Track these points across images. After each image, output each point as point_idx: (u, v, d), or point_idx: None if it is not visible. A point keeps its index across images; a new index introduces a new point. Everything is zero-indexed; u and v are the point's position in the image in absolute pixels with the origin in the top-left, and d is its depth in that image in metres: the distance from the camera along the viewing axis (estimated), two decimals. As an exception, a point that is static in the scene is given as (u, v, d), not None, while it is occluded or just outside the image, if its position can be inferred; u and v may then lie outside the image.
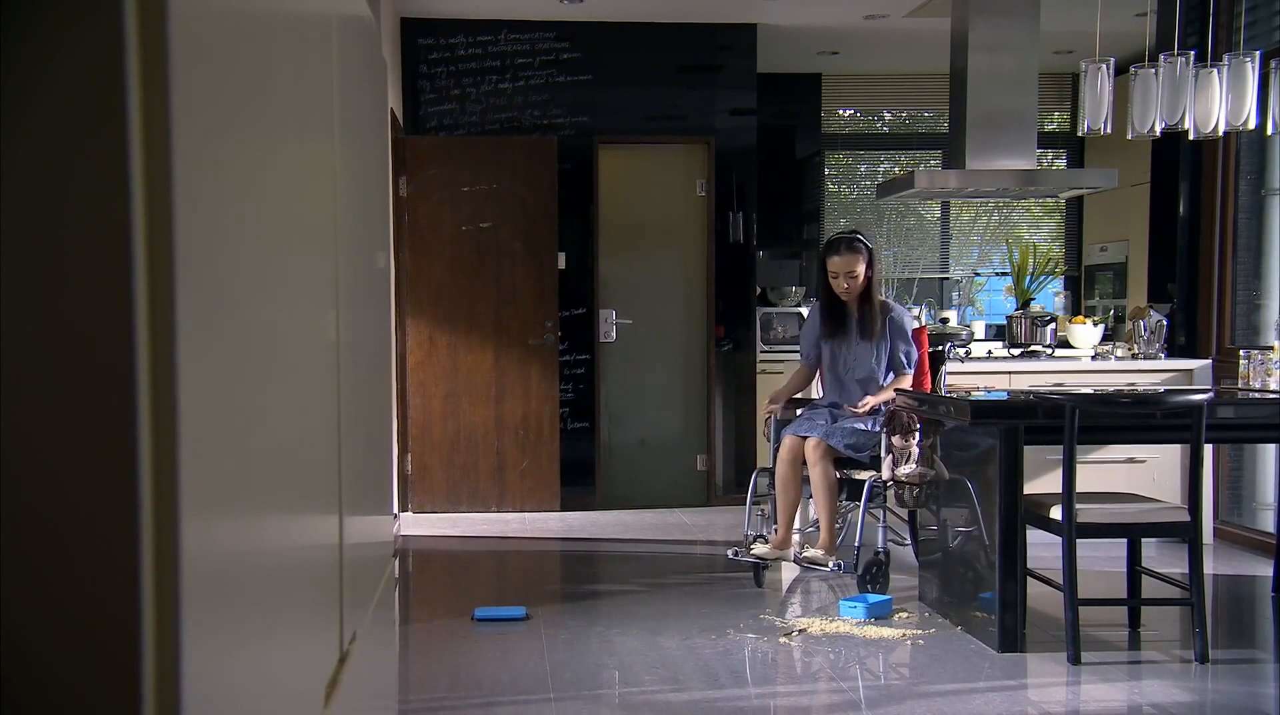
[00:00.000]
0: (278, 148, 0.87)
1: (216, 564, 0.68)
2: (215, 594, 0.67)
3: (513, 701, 3.20)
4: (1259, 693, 3.39)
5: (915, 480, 4.19)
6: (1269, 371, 4.17)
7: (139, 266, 0.59)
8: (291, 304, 0.91)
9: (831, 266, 4.52)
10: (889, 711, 3.18)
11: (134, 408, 0.58)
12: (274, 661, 0.84)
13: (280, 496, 0.88)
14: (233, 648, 0.71)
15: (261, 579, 0.80)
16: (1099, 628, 3.85)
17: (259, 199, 0.81)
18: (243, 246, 0.76)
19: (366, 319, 1.43)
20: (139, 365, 0.58)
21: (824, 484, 4.41)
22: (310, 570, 0.99)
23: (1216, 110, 4.09)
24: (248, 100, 0.78)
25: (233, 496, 0.73)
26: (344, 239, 1.21)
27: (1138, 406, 3.75)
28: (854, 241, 4.50)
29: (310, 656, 0.97)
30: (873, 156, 8.35)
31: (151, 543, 0.59)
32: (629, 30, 6.40)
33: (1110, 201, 7.23)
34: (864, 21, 6.33)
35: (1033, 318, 5.76)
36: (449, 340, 6.16)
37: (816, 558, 4.36)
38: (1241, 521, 5.49)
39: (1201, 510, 3.59)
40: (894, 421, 4.26)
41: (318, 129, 1.06)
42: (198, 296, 0.64)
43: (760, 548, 4.49)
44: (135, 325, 0.59)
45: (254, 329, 0.77)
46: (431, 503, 6.19)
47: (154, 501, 0.59)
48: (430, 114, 6.35)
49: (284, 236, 0.89)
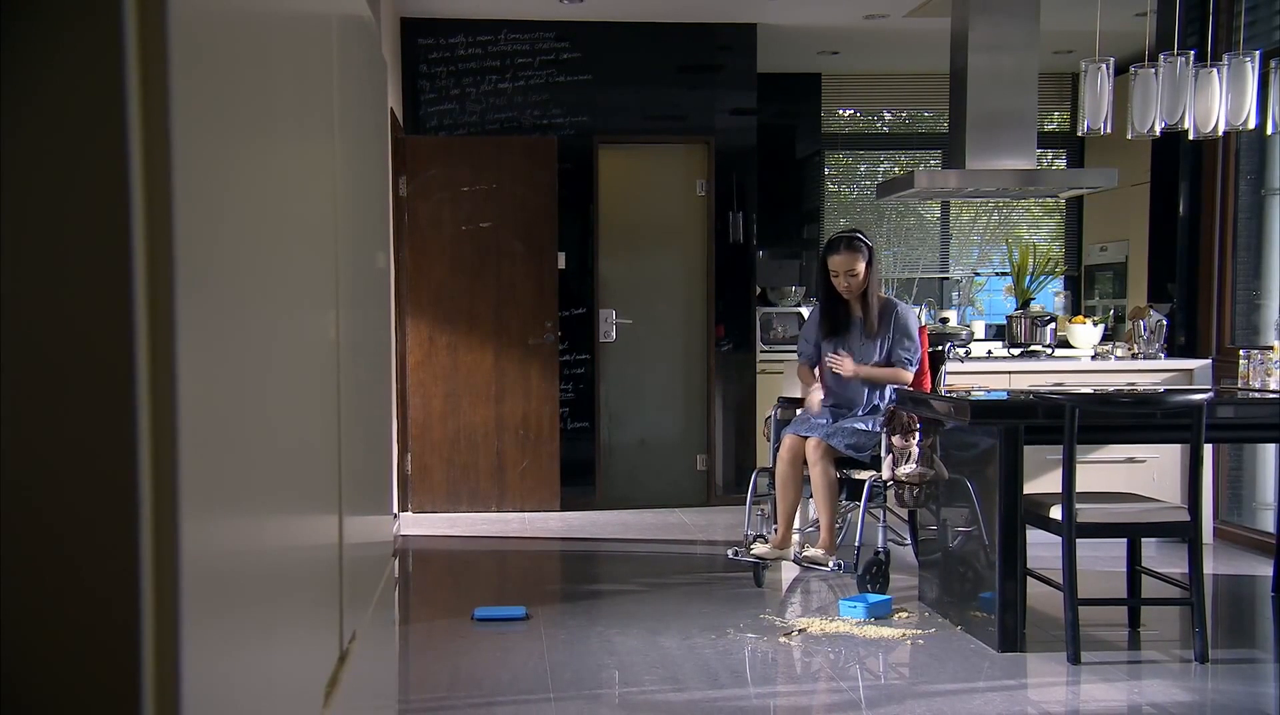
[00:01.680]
0: (277, 147, 0.87)
1: (216, 563, 0.68)
2: (215, 593, 0.67)
3: (512, 701, 3.20)
4: (1259, 692, 3.39)
5: (915, 480, 4.18)
6: (1269, 371, 4.17)
7: (139, 267, 0.59)
8: (291, 303, 0.91)
9: (832, 265, 4.54)
10: (889, 711, 3.18)
11: (134, 407, 0.58)
12: (274, 661, 0.84)
13: (280, 496, 0.88)
14: (233, 647, 0.71)
15: (262, 578, 0.80)
16: (1099, 628, 3.85)
17: (259, 198, 0.81)
18: (243, 246, 0.76)
19: (366, 319, 1.43)
20: (139, 365, 0.58)
21: (824, 483, 4.41)
22: (310, 570, 0.99)
23: (1216, 110, 4.09)
24: (248, 100, 0.78)
25: (233, 496, 0.73)
26: (344, 239, 1.21)
27: (1138, 406, 3.75)
28: (854, 240, 4.52)
29: (310, 656, 0.97)
30: (872, 156, 8.35)
31: (151, 543, 0.59)
32: (629, 30, 6.40)
33: (1110, 201, 7.23)
34: (864, 21, 6.32)
35: (1032, 317, 5.76)
36: (449, 340, 6.16)
37: (817, 557, 4.37)
38: (1241, 521, 5.49)
39: (1201, 510, 3.59)
40: (894, 421, 4.25)
41: (317, 129, 1.06)
42: (197, 296, 0.64)
43: (760, 547, 4.49)
44: (135, 325, 0.59)
45: (254, 328, 0.77)
46: (431, 503, 6.19)
47: (154, 501, 0.59)
48: (430, 114, 6.35)
49: (284, 236, 0.89)
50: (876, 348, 4.57)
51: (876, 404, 4.60)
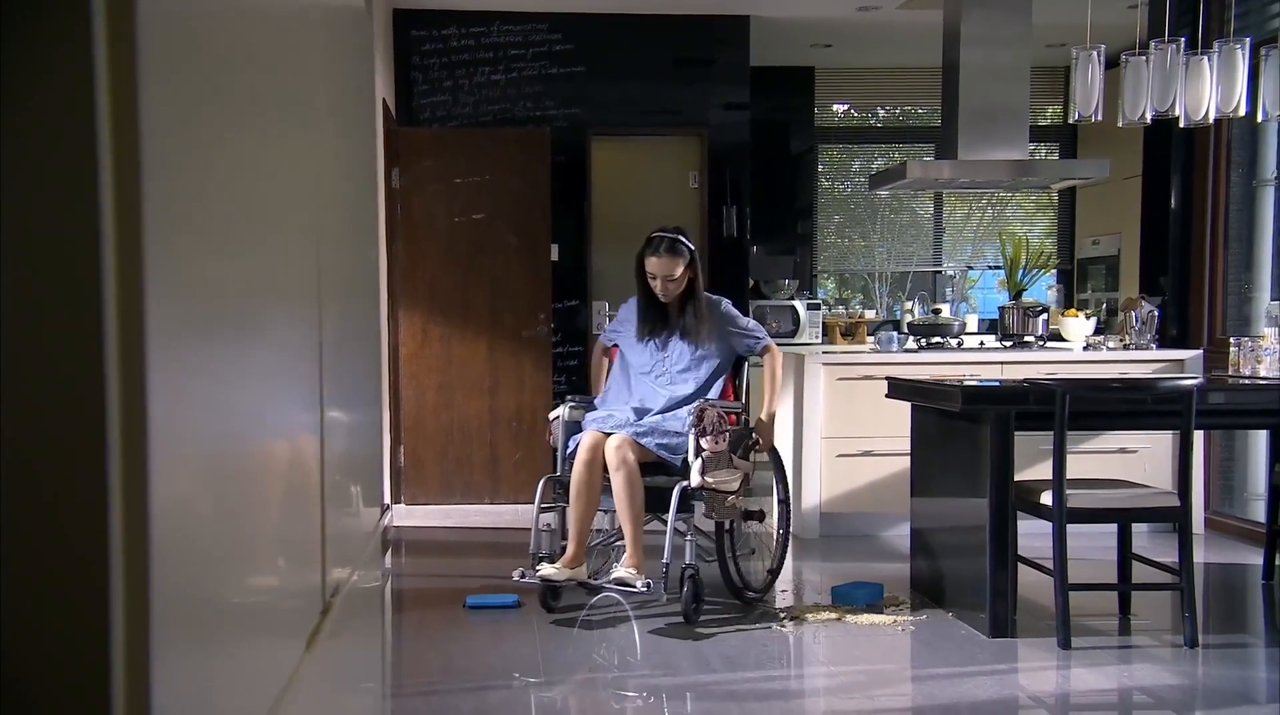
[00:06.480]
0: (256, 134, 0.84)
1: (186, 516, 0.67)
2: (186, 559, 0.66)
3: (505, 686, 3.21)
4: (1248, 676, 3.40)
5: (726, 487, 3.79)
6: (1259, 358, 4.18)
7: (108, 261, 0.56)
8: (269, 293, 0.89)
9: (649, 268, 4.08)
10: (880, 696, 3.19)
11: (105, 403, 0.56)
12: (253, 615, 0.84)
13: (259, 480, 0.87)
14: (208, 601, 0.70)
15: (242, 538, 0.80)
16: (1090, 616, 3.86)
17: (235, 185, 0.78)
18: (216, 235, 0.73)
19: (352, 310, 1.41)
20: (109, 362, 0.56)
21: (630, 489, 3.79)
22: (292, 528, 0.99)
23: (1207, 98, 4.10)
24: (225, 85, 0.75)
25: (205, 474, 0.72)
26: (327, 229, 1.19)
27: (1128, 392, 3.76)
28: (675, 243, 4.05)
29: (292, 609, 0.97)
30: (866, 151, 8.36)
31: (121, 492, 0.57)
32: (621, 22, 6.41)
33: (1103, 195, 7.25)
34: (857, 13, 6.33)
35: (1025, 308, 5.77)
36: (442, 332, 6.16)
37: (626, 579, 3.73)
38: (1233, 512, 5.51)
39: (1192, 495, 3.60)
40: (703, 421, 3.78)
41: (298, 115, 1.03)
42: (168, 287, 0.61)
43: (547, 568, 3.81)
44: (105, 321, 0.56)
45: (229, 317, 0.75)
46: (425, 495, 6.19)
47: (124, 460, 0.57)
48: (423, 105, 6.35)
49: (261, 225, 0.86)
50: (695, 354, 4.08)
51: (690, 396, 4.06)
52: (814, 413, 5.30)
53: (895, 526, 5.23)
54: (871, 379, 5.14)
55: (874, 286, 8.31)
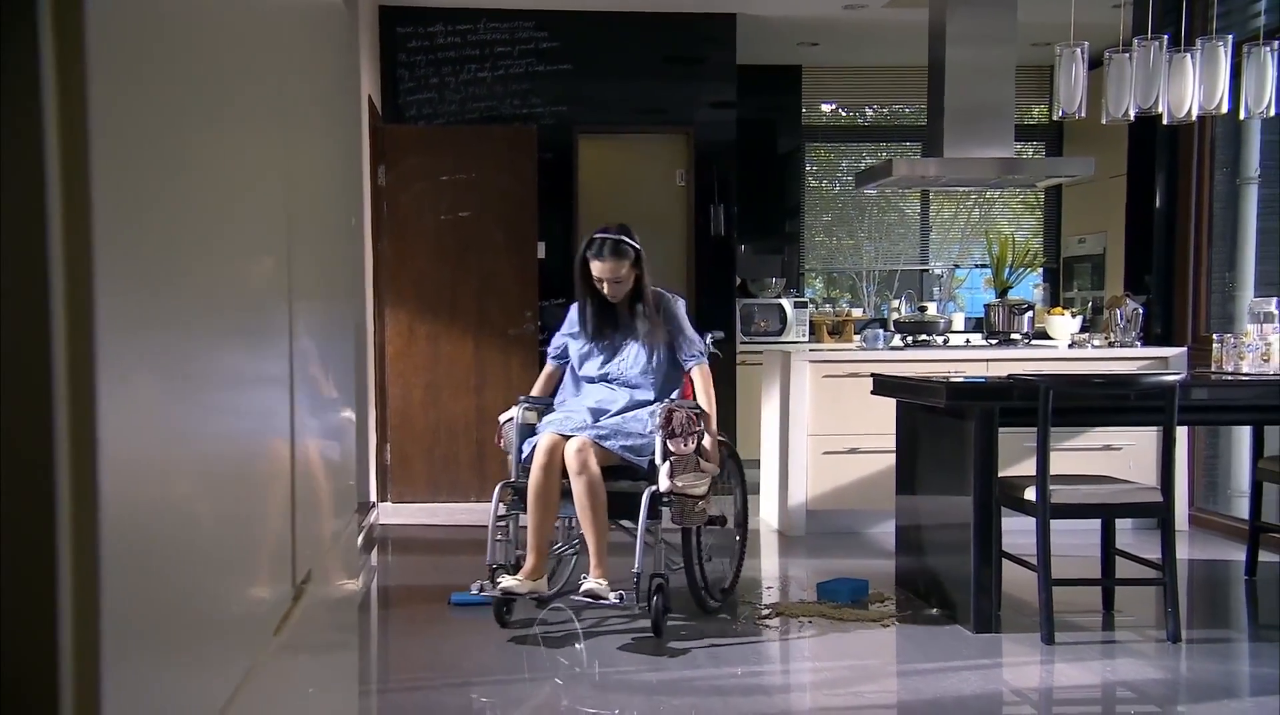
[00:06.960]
0: (219, 130, 0.82)
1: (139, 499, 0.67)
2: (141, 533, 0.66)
3: (490, 682, 3.21)
4: (1230, 671, 3.41)
5: (695, 491, 3.64)
6: (1241, 355, 4.20)
7: (55, 257, 0.55)
8: (230, 291, 0.87)
9: (595, 271, 3.85)
10: (865, 691, 3.19)
11: (52, 403, 0.54)
12: (219, 596, 0.84)
13: (226, 468, 0.87)
14: (164, 602, 0.70)
15: (201, 539, 0.80)
16: (1074, 612, 3.87)
17: (197, 181, 0.76)
18: (174, 231, 0.71)
19: (326, 308, 1.40)
20: (57, 361, 0.55)
21: (592, 496, 3.61)
22: (260, 506, 0.99)
23: (1190, 95, 4.12)
24: (185, 80, 0.73)
25: (164, 455, 0.72)
26: (302, 227, 1.18)
27: (1112, 387, 3.77)
28: (618, 244, 3.83)
29: (260, 593, 0.97)
30: (853, 150, 8.38)
31: (70, 495, 0.56)
32: (608, 20, 6.41)
33: (1088, 194, 7.28)
34: (843, 11, 6.35)
35: (1010, 306, 5.79)
36: (429, 330, 6.15)
37: (597, 591, 3.55)
38: (1216, 508, 5.53)
39: (1174, 490, 3.61)
40: (671, 423, 3.64)
41: (268, 111, 1.01)
42: (120, 283, 0.60)
43: (507, 580, 3.62)
44: (53, 320, 0.55)
45: (185, 316, 0.74)
46: (411, 493, 6.18)
47: (72, 461, 0.56)
48: (409, 103, 6.34)
49: (225, 221, 0.84)
50: (650, 354, 3.89)
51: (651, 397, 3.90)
52: (800, 410, 5.31)
53: (881, 523, 5.24)
54: (857, 377, 5.15)
55: (861, 285, 8.33)
